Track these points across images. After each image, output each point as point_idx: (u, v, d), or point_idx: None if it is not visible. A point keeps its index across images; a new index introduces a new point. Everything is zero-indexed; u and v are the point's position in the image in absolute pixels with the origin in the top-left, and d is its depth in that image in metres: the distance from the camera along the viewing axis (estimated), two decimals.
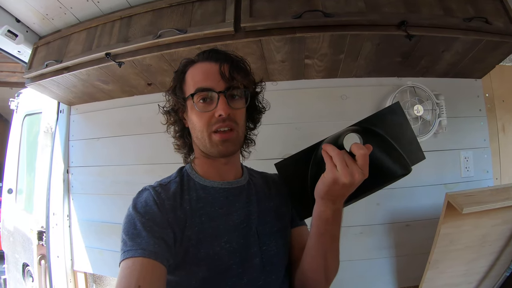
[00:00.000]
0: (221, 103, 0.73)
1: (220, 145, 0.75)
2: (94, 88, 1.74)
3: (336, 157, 0.63)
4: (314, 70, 1.58)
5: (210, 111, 0.74)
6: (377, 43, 1.34)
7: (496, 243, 1.31)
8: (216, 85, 0.74)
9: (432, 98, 1.55)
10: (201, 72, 0.77)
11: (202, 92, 0.75)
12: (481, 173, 1.61)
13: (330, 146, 0.65)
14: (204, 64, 0.78)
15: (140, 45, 1.38)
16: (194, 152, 0.85)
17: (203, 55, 0.81)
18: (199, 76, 0.77)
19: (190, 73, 0.79)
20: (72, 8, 1.57)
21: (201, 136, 0.76)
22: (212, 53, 0.80)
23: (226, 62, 0.77)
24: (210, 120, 0.74)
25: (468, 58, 1.48)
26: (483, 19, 1.29)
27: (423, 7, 1.30)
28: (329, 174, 0.63)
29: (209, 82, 0.75)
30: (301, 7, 1.26)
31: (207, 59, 0.79)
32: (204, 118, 0.75)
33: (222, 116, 0.73)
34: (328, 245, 0.74)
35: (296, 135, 1.63)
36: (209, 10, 1.35)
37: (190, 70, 0.80)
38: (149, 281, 0.60)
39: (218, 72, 0.75)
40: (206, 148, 0.77)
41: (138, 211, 0.69)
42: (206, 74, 0.76)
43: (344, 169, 0.61)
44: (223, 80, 0.75)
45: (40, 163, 2.14)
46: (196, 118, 0.76)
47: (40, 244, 2.05)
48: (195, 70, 0.79)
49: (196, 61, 0.81)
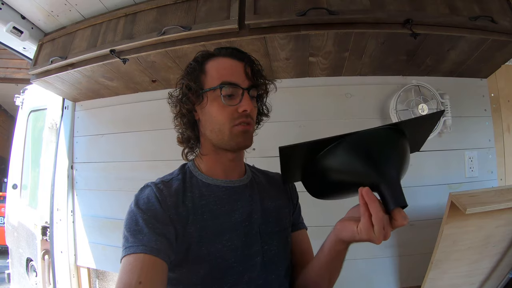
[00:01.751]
0: (246, 99, 0.74)
1: (241, 136, 0.75)
2: (98, 84, 1.75)
3: (377, 218, 0.56)
4: (318, 68, 1.57)
5: (234, 105, 0.75)
6: (382, 41, 1.34)
7: (500, 244, 1.30)
8: (241, 82, 0.76)
9: (437, 97, 1.54)
10: (228, 66, 0.78)
11: (230, 86, 0.75)
12: (485, 173, 1.60)
13: (371, 196, 0.57)
14: (228, 60, 0.79)
15: (144, 42, 1.39)
16: (201, 147, 0.83)
17: (225, 50, 0.81)
18: (225, 70, 0.77)
19: (212, 66, 0.79)
20: (77, 5, 1.58)
21: (219, 128, 0.76)
22: (235, 51, 0.81)
23: (249, 62, 0.79)
24: (233, 114, 0.75)
25: (473, 57, 1.47)
26: (489, 18, 1.28)
27: (428, 5, 1.29)
28: (364, 234, 0.58)
29: (234, 77, 0.76)
30: (305, 4, 1.25)
31: (230, 56, 0.79)
32: (227, 112, 0.75)
33: (247, 111, 0.74)
34: (337, 265, 0.74)
35: (300, 133, 1.62)
36: (213, 7, 1.35)
37: (211, 62, 0.79)
38: (150, 277, 0.60)
39: (243, 70, 0.77)
40: (223, 141, 0.77)
41: (140, 207, 0.69)
42: (233, 69, 0.77)
43: (381, 233, 0.56)
44: (247, 79, 0.77)
45: (45, 159, 2.16)
46: (217, 111, 0.75)
47: (44, 239, 2.07)
48: (219, 64, 0.79)
49: (217, 55, 0.81)
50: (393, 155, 0.62)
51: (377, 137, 0.62)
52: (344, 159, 0.62)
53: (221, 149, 0.79)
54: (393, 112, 1.53)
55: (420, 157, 1.58)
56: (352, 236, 0.61)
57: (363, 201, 0.58)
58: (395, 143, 0.63)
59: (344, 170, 0.63)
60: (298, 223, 0.93)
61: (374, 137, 0.62)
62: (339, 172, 0.64)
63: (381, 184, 0.58)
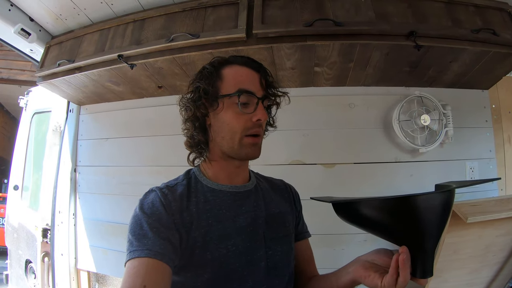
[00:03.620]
0: (261, 109, 0.76)
1: (250, 148, 0.76)
2: (104, 88, 1.76)
3: (403, 283, 0.59)
4: (323, 78, 1.59)
5: (248, 113, 0.75)
6: (386, 52, 1.36)
7: (500, 254, 1.31)
8: (257, 91, 0.77)
9: (439, 108, 1.56)
10: (245, 74, 0.78)
11: (247, 94, 0.76)
12: (486, 184, 1.61)
13: (407, 264, 0.59)
14: (245, 69, 0.80)
15: (152, 48, 1.41)
16: (210, 152, 0.82)
17: (241, 59, 0.82)
18: (242, 78, 0.78)
19: (229, 72, 0.79)
20: (85, 9, 1.59)
21: (231, 136, 0.76)
22: (250, 61, 0.82)
23: (264, 73, 0.81)
24: (247, 123, 0.75)
25: (475, 69, 1.49)
26: (490, 31, 1.31)
27: (431, 17, 1.32)
28: None
29: (251, 86, 0.77)
30: (312, 15, 1.28)
31: (246, 65, 0.80)
32: (242, 120, 0.75)
33: (260, 121, 0.76)
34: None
35: (303, 142, 1.65)
36: (221, 15, 1.37)
37: (228, 69, 0.80)
38: (154, 281, 0.61)
39: (259, 80, 0.78)
40: (233, 149, 0.77)
41: (145, 212, 0.70)
42: (249, 78, 0.78)
43: None
44: (261, 89, 0.78)
45: (48, 161, 2.16)
46: (232, 118, 0.76)
47: (45, 242, 2.06)
48: (236, 72, 0.79)
49: (233, 63, 0.81)
50: (441, 225, 0.61)
51: (437, 204, 0.60)
52: (397, 216, 0.61)
53: (229, 157, 0.79)
54: (396, 123, 1.55)
55: (422, 167, 1.60)
56: (375, 287, 0.64)
57: (396, 264, 0.60)
58: (449, 210, 0.62)
59: (390, 223, 0.63)
60: (303, 232, 0.94)
61: (435, 203, 0.60)
62: (384, 221, 0.63)
63: (419, 251, 0.60)
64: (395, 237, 0.63)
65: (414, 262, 0.60)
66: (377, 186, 1.59)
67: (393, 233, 0.63)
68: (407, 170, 1.60)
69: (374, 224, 0.65)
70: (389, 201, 0.61)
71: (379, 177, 1.60)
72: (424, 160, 1.61)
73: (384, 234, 0.65)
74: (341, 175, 1.61)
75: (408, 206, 0.59)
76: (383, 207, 0.62)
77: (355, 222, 0.69)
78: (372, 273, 0.65)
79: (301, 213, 0.95)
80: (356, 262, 0.71)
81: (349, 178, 1.61)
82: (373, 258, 0.68)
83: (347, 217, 0.70)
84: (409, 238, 0.60)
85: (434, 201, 0.59)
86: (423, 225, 0.59)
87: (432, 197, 0.59)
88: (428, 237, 0.60)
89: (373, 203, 0.63)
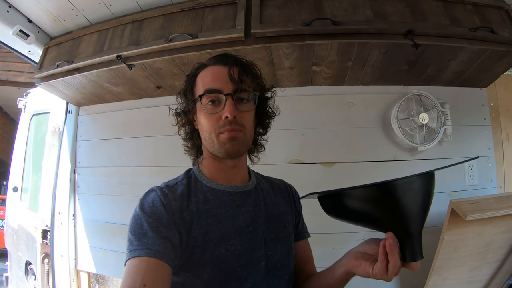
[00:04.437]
0: (228, 105, 0.73)
1: (228, 143, 0.75)
2: (103, 89, 1.76)
3: (393, 268, 0.60)
4: (321, 77, 1.60)
5: (217, 112, 0.75)
6: (384, 51, 1.37)
7: (499, 251, 1.31)
8: (224, 87, 0.75)
9: (438, 106, 1.56)
10: (210, 74, 0.78)
11: (210, 93, 0.75)
12: (485, 181, 1.62)
13: (395, 249, 0.60)
14: (214, 67, 0.80)
15: (151, 48, 1.41)
16: (203, 154, 0.85)
17: (214, 59, 0.82)
18: (208, 78, 0.78)
19: (200, 76, 0.80)
20: (84, 10, 1.59)
21: (209, 137, 0.77)
22: (222, 57, 0.81)
23: (235, 65, 0.78)
24: (218, 122, 0.75)
25: (473, 67, 1.49)
26: (488, 29, 1.31)
27: (430, 16, 1.33)
28: (378, 276, 0.63)
29: (217, 84, 0.76)
30: (310, 14, 1.28)
31: (217, 63, 0.80)
32: (212, 120, 0.75)
33: (229, 118, 0.73)
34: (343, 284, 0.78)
35: (302, 141, 1.65)
36: (220, 15, 1.37)
37: (201, 73, 0.81)
38: (154, 280, 0.61)
39: (227, 74, 0.76)
40: (214, 149, 0.77)
41: (145, 211, 0.70)
42: (215, 76, 0.77)
43: (393, 274, 0.61)
44: (231, 83, 0.75)
45: (47, 163, 2.16)
46: (204, 120, 0.77)
47: (44, 243, 2.06)
48: (205, 73, 0.80)
49: (207, 65, 0.82)
50: (424, 208, 0.61)
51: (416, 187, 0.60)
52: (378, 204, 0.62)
53: (216, 156, 0.79)
54: (395, 121, 1.55)
55: (420, 165, 1.61)
56: (367, 275, 0.66)
57: (383, 249, 0.61)
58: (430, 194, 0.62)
59: (373, 212, 0.63)
60: (303, 232, 0.94)
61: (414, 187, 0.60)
62: (367, 210, 0.64)
63: (405, 236, 0.60)
64: (380, 225, 0.63)
65: (402, 248, 0.60)
66: None
67: (378, 221, 0.63)
68: (406, 168, 1.60)
69: (358, 214, 0.66)
70: (368, 189, 0.61)
71: (378, 175, 1.59)
72: (423, 159, 1.61)
73: (369, 223, 0.66)
74: (340, 174, 1.61)
75: (387, 192, 0.60)
76: (364, 196, 0.63)
77: (340, 215, 0.70)
78: (363, 262, 0.66)
79: (300, 213, 0.95)
80: (348, 255, 0.72)
81: (348, 177, 1.61)
82: (363, 248, 0.70)
83: (331, 211, 0.71)
84: (394, 224, 0.61)
85: (412, 185, 0.60)
86: (405, 210, 0.60)
87: (409, 181, 0.59)
88: (412, 221, 0.60)
89: (353, 193, 0.64)
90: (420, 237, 0.61)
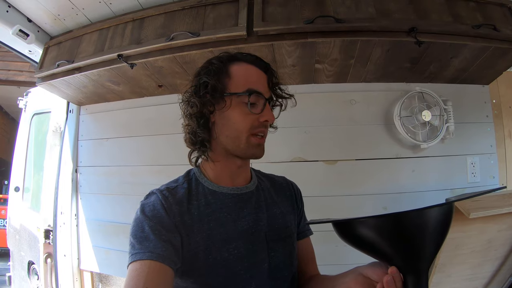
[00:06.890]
0: (268, 110, 0.77)
1: (257, 147, 0.76)
2: (104, 88, 1.75)
3: None
4: (324, 75, 1.59)
5: (256, 114, 0.75)
6: (387, 49, 1.36)
7: (502, 248, 1.32)
8: (265, 92, 0.77)
9: (440, 103, 1.56)
10: (254, 74, 0.78)
11: (256, 94, 0.75)
12: (487, 178, 1.62)
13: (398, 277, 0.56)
14: (254, 68, 0.79)
15: (152, 47, 1.40)
16: (212, 151, 0.79)
17: (249, 57, 0.81)
18: (253, 77, 0.77)
19: (238, 70, 0.77)
20: (84, 9, 1.58)
21: (237, 135, 0.75)
22: (258, 60, 0.81)
23: (272, 74, 0.81)
24: (254, 122, 0.75)
25: (476, 65, 1.49)
26: (491, 26, 1.30)
27: (432, 13, 1.32)
28: None
29: (260, 87, 0.77)
30: (313, 12, 1.27)
31: (253, 63, 0.79)
32: (249, 120, 0.75)
33: (267, 122, 0.77)
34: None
35: (304, 139, 1.65)
36: (221, 13, 1.36)
37: (236, 66, 0.78)
38: (156, 283, 0.61)
39: (267, 81, 0.79)
40: (238, 148, 0.76)
41: (146, 214, 0.69)
42: (258, 78, 0.78)
43: None
44: (269, 90, 0.79)
45: (49, 162, 2.16)
46: (239, 117, 0.75)
47: (47, 243, 2.06)
48: (246, 70, 0.78)
49: (241, 59, 0.80)
50: (435, 244, 0.56)
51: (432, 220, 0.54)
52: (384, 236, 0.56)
53: (232, 155, 0.78)
54: (397, 119, 1.55)
55: (423, 162, 1.61)
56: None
57: (386, 285, 0.57)
58: (446, 227, 0.56)
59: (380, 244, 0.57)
60: (305, 230, 0.93)
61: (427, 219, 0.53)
62: (373, 242, 0.58)
63: (411, 273, 0.55)
64: (385, 258, 0.58)
65: (406, 284, 0.55)
66: (379, 182, 1.60)
67: (383, 253, 0.58)
68: (409, 166, 1.61)
69: (368, 245, 0.60)
70: (378, 219, 0.56)
71: (381, 173, 1.61)
72: (425, 156, 1.61)
73: (374, 254, 0.61)
74: (343, 171, 1.61)
75: (396, 224, 0.54)
76: (372, 226, 0.57)
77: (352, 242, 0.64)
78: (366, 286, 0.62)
79: (303, 210, 0.94)
80: (353, 273, 0.67)
81: (350, 175, 1.61)
82: (367, 272, 0.64)
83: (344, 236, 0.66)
84: (399, 258, 0.56)
85: (425, 218, 0.53)
86: (415, 245, 0.54)
87: (422, 213, 0.52)
88: (418, 258, 0.55)
89: (364, 223, 0.58)
90: (427, 274, 0.56)
